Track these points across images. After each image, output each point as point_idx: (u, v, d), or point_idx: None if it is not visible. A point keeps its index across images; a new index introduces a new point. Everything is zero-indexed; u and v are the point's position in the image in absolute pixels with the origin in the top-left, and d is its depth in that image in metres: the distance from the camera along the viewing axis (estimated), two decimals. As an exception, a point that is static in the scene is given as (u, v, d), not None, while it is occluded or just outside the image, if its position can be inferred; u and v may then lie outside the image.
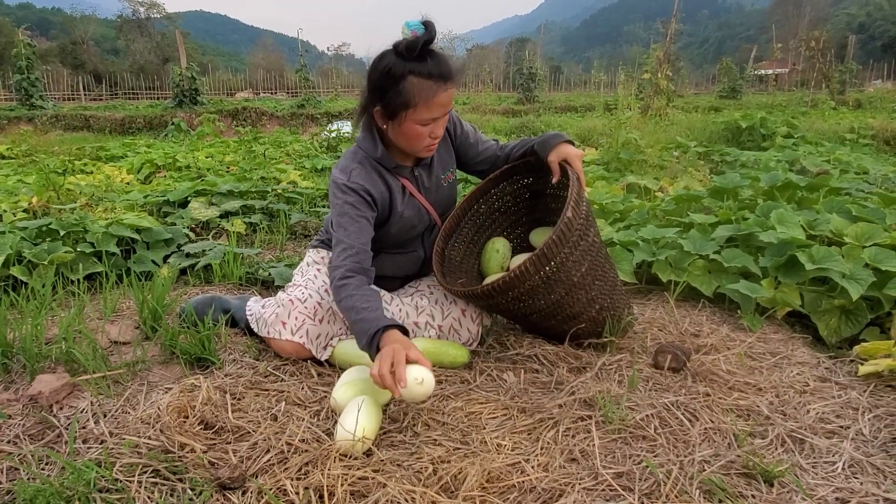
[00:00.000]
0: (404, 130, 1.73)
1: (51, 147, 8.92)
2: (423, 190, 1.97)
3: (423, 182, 1.96)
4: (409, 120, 1.69)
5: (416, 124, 1.70)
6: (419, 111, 1.67)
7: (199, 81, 15.45)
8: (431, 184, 1.99)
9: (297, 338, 1.81)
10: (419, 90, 1.64)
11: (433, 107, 1.67)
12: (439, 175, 2.01)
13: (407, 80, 1.63)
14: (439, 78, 1.64)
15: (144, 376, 1.75)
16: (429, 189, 1.98)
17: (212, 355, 1.80)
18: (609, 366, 1.80)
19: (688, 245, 2.45)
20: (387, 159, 1.85)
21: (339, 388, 1.60)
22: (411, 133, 1.73)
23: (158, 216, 3.52)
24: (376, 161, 1.85)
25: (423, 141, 1.75)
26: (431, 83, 1.64)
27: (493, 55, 52.01)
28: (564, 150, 1.92)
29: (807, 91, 17.25)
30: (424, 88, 1.64)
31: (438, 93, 1.65)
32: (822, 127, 7.42)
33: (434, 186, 2.00)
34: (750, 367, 1.82)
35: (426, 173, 1.97)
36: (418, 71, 1.63)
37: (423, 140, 1.75)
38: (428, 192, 1.98)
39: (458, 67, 1.70)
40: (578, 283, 1.79)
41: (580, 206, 1.75)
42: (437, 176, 2.00)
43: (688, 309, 2.33)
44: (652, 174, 4.62)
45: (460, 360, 1.86)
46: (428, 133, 1.74)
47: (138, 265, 2.75)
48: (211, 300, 2.12)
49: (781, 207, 2.58)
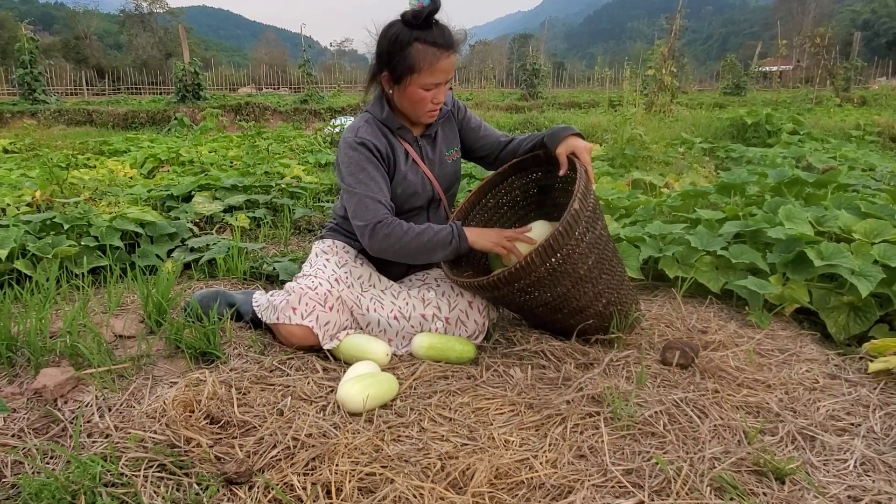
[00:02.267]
0: (409, 94, 1.85)
1: (54, 141, 8.92)
2: (426, 160, 2.04)
3: (427, 153, 2.04)
4: (413, 84, 1.82)
5: (419, 88, 1.83)
6: (423, 75, 1.80)
7: (202, 76, 15.45)
8: (435, 156, 2.06)
9: (307, 322, 1.81)
10: (424, 56, 1.78)
11: (436, 72, 1.80)
12: (443, 150, 2.08)
13: (413, 47, 1.78)
14: (443, 45, 1.79)
15: (149, 370, 1.74)
16: (433, 161, 2.06)
17: (217, 350, 1.79)
18: (617, 362, 1.78)
19: (695, 241, 2.43)
20: (391, 120, 1.95)
21: (346, 384, 1.59)
22: (415, 97, 1.85)
23: (162, 210, 3.51)
24: (381, 122, 1.96)
25: (425, 105, 1.87)
26: (435, 50, 1.78)
27: (496, 51, 51.91)
28: (573, 142, 1.91)
29: (811, 88, 17.21)
30: (429, 55, 1.78)
31: (441, 59, 1.79)
32: (828, 124, 7.38)
33: (438, 160, 2.07)
34: (759, 364, 1.81)
35: (430, 146, 2.05)
36: (423, 38, 1.77)
37: (426, 104, 1.87)
38: (432, 163, 2.06)
39: (458, 38, 1.85)
40: (585, 276, 1.78)
41: (587, 199, 1.74)
42: (440, 150, 2.08)
43: (695, 305, 2.31)
44: (657, 170, 4.60)
45: (466, 356, 1.84)
46: (431, 98, 1.86)
47: (142, 259, 2.74)
48: (216, 294, 2.11)
49: (789, 203, 2.56)
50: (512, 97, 18.73)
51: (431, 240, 1.85)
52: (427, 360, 1.85)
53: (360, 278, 2.00)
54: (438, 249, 1.87)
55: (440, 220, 2.15)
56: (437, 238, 1.86)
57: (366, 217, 1.86)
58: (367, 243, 1.88)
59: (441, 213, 2.15)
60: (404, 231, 1.85)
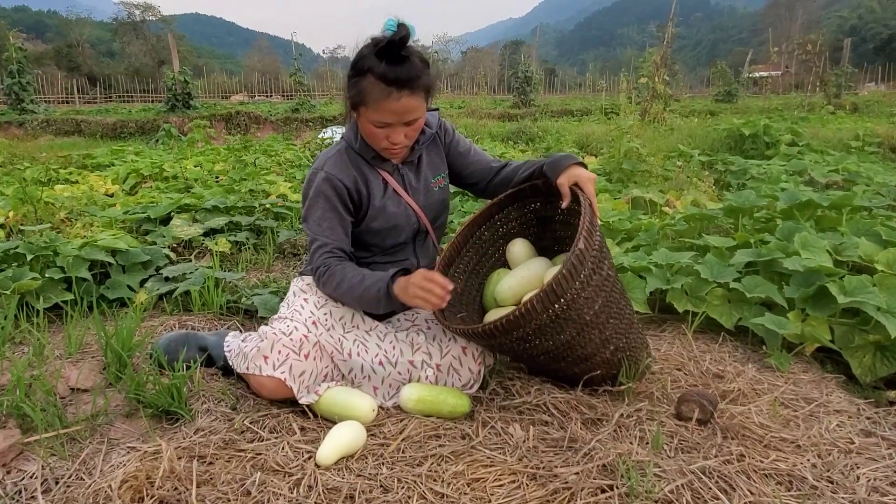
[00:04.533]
0: (363, 126, 1.70)
1: (39, 153, 8.71)
2: (409, 189, 1.86)
3: (410, 181, 1.86)
4: (363, 117, 1.66)
5: (369, 123, 1.66)
6: (370, 112, 1.63)
7: (193, 85, 15.25)
8: (420, 185, 1.88)
9: (278, 373, 1.61)
10: (371, 91, 1.59)
11: (382, 112, 1.61)
12: (429, 178, 1.90)
13: (365, 77, 1.60)
14: (394, 83, 1.57)
15: (105, 432, 1.55)
16: (417, 189, 1.88)
17: (182, 407, 1.60)
18: (628, 418, 1.60)
19: (705, 272, 2.27)
20: (365, 149, 1.78)
21: (326, 447, 1.42)
22: (368, 131, 1.69)
23: (138, 234, 3.32)
24: (355, 152, 1.80)
25: (380, 142, 1.70)
26: (384, 87, 1.57)
27: (487, 58, 51.90)
28: (575, 172, 1.74)
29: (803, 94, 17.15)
30: (376, 90, 1.58)
31: (389, 98, 1.58)
32: (826, 134, 7.26)
33: (423, 188, 1.89)
34: (784, 419, 1.63)
35: (413, 173, 1.87)
36: (376, 70, 1.57)
37: (381, 141, 1.69)
38: (416, 192, 1.87)
39: (425, 77, 1.61)
40: (591, 321, 1.60)
41: (593, 236, 1.57)
42: (426, 178, 1.89)
43: (707, 342, 2.14)
44: (657, 186, 4.44)
45: (460, 410, 1.66)
46: (384, 136, 1.67)
47: (112, 291, 2.55)
48: (185, 338, 1.93)
49: (804, 230, 2.39)
50: (504, 105, 18.61)
51: (364, 296, 1.71)
52: (417, 415, 1.67)
53: (341, 318, 1.81)
54: (374, 306, 1.73)
55: (428, 254, 1.98)
56: (368, 296, 1.69)
57: (312, 261, 1.79)
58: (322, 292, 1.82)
59: (429, 246, 1.98)
60: (336, 283, 1.74)
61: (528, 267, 1.87)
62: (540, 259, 1.90)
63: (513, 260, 1.95)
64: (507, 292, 1.86)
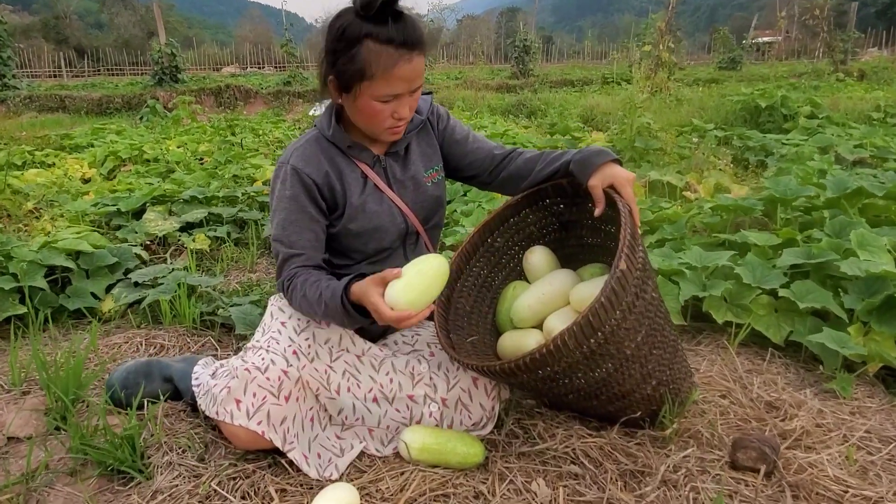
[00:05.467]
0: (361, 107, 1.40)
1: (20, 131, 8.33)
2: (394, 183, 1.55)
3: (394, 173, 1.56)
4: (364, 94, 1.37)
5: (373, 100, 1.37)
6: (376, 84, 1.35)
7: (180, 58, 14.72)
8: (406, 178, 1.57)
9: (253, 423, 1.32)
10: (376, 58, 1.32)
11: (393, 80, 1.34)
12: (419, 171, 1.59)
13: (363, 45, 1.32)
14: (402, 45, 1.32)
15: (44, 496, 1.27)
16: (403, 184, 1.57)
17: (135, 465, 1.32)
18: (675, 471, 1.33)
19: (747, 276, 1.98)
20: (340, 137, 1.50)
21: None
22: (368, 110, 1.39)
23: (108, 229, 3.02)
24: (328, 140, 1.51)
25: (383, 121, 1.42)
26: (392, 50, 1.32)
27: (484, 25, 50.80)
28: (611, 172, 1.43)
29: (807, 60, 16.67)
30: (383, 56, 1.32)
31: (400, 63, 1.33)
32: (847, 105, 6.90)
33: (411, 183, 1.58)
34: (861, 467, 1.36)
35: (399, 165, 1.56)
36: (376, 34, 1.31)
37: (384, 120, 1.41)
38: (402, 187, 1.57)
39: (429, 34, 1.36)
40: (632, 355, 1.32)
41: (636, 253, 1.28)
42: (415, 171, 1.58)
43: (752, 359, 1.86)
44: (673, 166, 4.12)
45: (472, 460, 1.39)
46: (390, 112, 1.40)
47: (73, 300, 2.26)
48: (146, 368, 1.64)
49: (860, 225, 2.10)
50: (502, 75, 18.10)
51: (327, 313, 1.38)
52: (420, 465, 1.40)
53: (327, 342, 1.51)
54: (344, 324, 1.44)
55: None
56: (329, 311, 1.36)
57: (279, 271, 1.50)
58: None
59: (422, 250, 1.65)
60: (298, 301, 1.43)
61: (551, 281, 1.57)
62: (564, 272, 1.61)
63: (531, 271, 1.66)
64: (526, 311, 1.57)
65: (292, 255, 1.46)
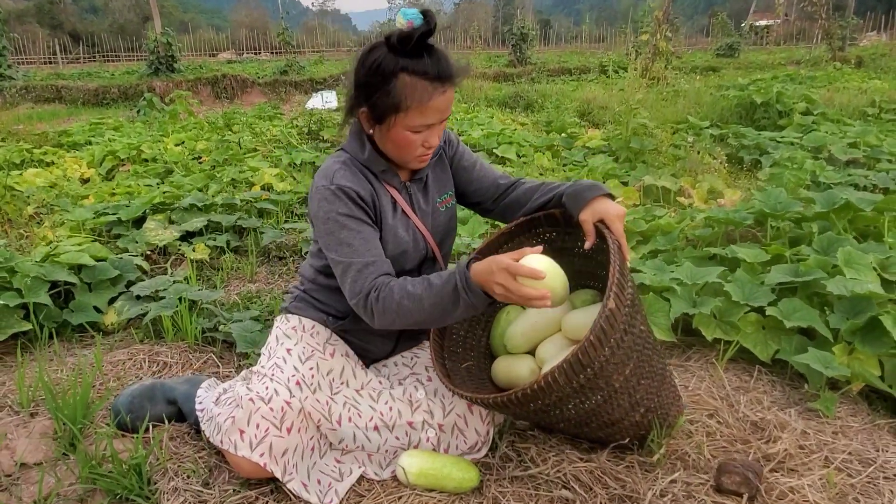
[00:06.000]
0: (393, 137, 1.45)
1: (17, 124, 8.32)
2: (418, 211, 1.60)
3: (419, 202, 1.61)
4: (398, 125, 1.42)
5: (406, 130, 1.43)
6: (411, 115, 1.40)
7: (176, 47, 14.65)
8: (428, 206, 1.63)
9: (256, 455, 1.37)
10: (412, 91, 1.38)
11: (428, 111, 1.40)
12: (435, 197, 1.64)
13: (398, 79, 1.38)
14: (436, 78, 1.38)
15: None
16: (425, 211, 1.62)
17: (143, 493, 1.37)
18: (662, 496, 1.39)
19: (736, 293, 2.03)
20: (374, 161, 1.53)
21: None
22: (401, 141, 1.45)
23: (109, 238, 3.05)
24: (362, 164, 1.54)
25: (414, 150, 1.47)
26: (427, 84, 1.38)
27: (481, 10, 50.52)
28: (602, 207, 1.48)
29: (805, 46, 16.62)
30: (419, 89, 1.38)
31: (435, 95, 1.39)
32: (840, 99, 6.92)
33: (431, 209, 1.63)
34: (840, 491, 1.42)
35: (421, 192, 1.62)
36: (412, 69, 1.37)
37: (415, 149, 1.47)
38: (424, 214, 1.62)
39: (460, 67, 1.42)
40: (621, 387, 1.37)
41: (624, 291, 1.32)
42: (433, 197, 1.64)
43: (740, 376, 1.92)
44: (668, 168, 4.16)
45: (468, 485, 1.44)
46: (421, 142, 1.46)
47: (77, 315, 2.31)
48: (150, 391, 1.69)
49: (846, 242, 2.15)
50: (500, 62, 18.05)
51: (436, 305, 1.36)
52: (416, 489, 1.45)
53: (329, 373, 1.57)
54: (449, 314, 1.39)
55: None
56: (441, 301, 1.36)
57: (354, 290, 1.43)
58: (369, 322, 1.45)
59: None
60: (398, 301, 1.38)
61: (543, 309, 1.62)
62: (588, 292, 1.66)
63: None
64: (520, 339, 1.62)
65: (367, 265, 1.43)
